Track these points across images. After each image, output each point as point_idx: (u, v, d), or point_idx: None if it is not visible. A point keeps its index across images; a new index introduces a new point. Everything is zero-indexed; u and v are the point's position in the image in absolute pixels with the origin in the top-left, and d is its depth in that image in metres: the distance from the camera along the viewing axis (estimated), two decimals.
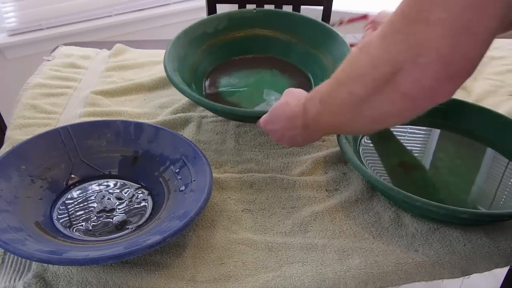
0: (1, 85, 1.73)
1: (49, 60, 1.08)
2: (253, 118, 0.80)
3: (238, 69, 0.99)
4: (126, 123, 0.79)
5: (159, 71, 1.04)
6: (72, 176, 0.74)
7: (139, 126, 0.79)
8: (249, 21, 1.01)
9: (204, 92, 0.94)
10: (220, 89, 0.95)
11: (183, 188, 0.71)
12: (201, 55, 0.97)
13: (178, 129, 0.88)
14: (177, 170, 0.74)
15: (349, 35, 1.26)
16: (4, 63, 1.77)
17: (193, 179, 0.71)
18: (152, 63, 1.09)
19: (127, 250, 0.57)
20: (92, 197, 0.72)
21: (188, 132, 0.87)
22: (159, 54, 1.13)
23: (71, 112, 0.92)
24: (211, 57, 0.98)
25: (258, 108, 0.90)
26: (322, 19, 1.35)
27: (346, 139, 0.78)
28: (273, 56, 1.01)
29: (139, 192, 0.74)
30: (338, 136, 0.77)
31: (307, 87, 0.94)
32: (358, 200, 0.74)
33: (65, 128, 0.77)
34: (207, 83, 0.96)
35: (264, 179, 0.77)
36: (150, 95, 0.98)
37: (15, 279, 0.59)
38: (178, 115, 0.90)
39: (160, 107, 0.94)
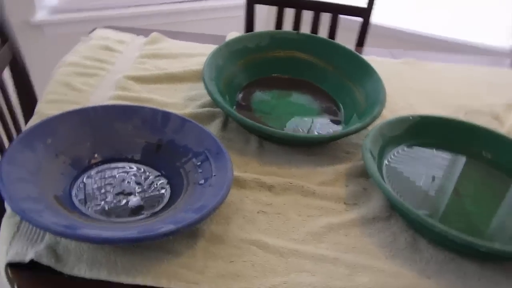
0: (38, 60, 1.75)
1: (86, 41, 1.09)
2: (278, 138, 0.82)
3: (273, 87, 1.00)
4: (154, 111, 0.80)
5: (192, 64, 1.04)
6: (96, 155, 0.75)
7: (166, 116, 0.79)
8: (290, 42, 1.02)
9: (236, 103, 0.94)
10: (252, 104, 0.95)
11: (202, 181, 0.71)
12: (239, 68, 0.98)
13: (204, 123, 0.88)
14: (198, 163, 0.74)
15: (385, 51, 1.25)
16: (43, 39, 1.80)
17: (213, 174, 0.71)
18: (186, 55, 1.10)
19: (140, 235, 0.58)
20: (112, 179, 0.73)
21: (213, 128, 0.87)
22: (194, 47, 1.14)
23: (102, 93, 0.93)
24: (248, 71, 0.99)
25: (285, 130, 0.90)
26: (360, 33, 1.34)
27: (371, 154, 0.77)
28: (307, 81, 1.02)
29: (159, 180, 0.74)
30: (364, 150, 0.77)
31: (335, 115, 0.94)
32: (376, 217, 0.73)
33: (95, 108, 0.78)
34: (240, 95, 0.96)
35: (283, 183, 0.77)
36: (181, 86, 0.99)
37: (27, 248, 0.60)
38: (206, 109, 0.90)
39: (189, 99, 0.95)
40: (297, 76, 1.02)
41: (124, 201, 0.69)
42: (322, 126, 0.91)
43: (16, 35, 1.02)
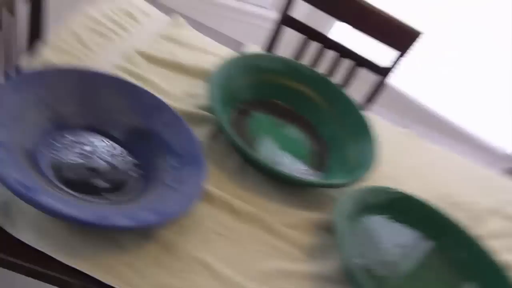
0: None
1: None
2: (260, 168, 0.81)
3: (273, 113, 0.99)
4: (152, 98, 0.78)
5: (204, 61, 1.02)
6: (78, 120, 0.73)
7: (162, 107, 0.78)
8: (302, 76, 1.01)
9: (232, 115, 0.92)
10: (250, 122, 0.93)
11: (173, 185, 0.69)
12: (247, 83, 0.97)
13: (195, 124, 0.85)
14: (176, 165, 0.72)
15: (390, 114, 1.25)
16: None
17: (185, 181, 0.69)
18: (202, 50, 1.08)
19: (95, 221, 0.56)
20: (86, 148, 0.71)
21: (203, 132, 0.84)
22: (212, 45, 1.12)
23: (108, 58, 0.90)
24: (255, 89, 0.98)
25: (273, 158, 0.89)
26: (374, 90, 1.33)
27: (344, 214, 0.76)
28: (308, 120, 1.00)
29: (131, 165, 0.72)
30: (337, 208, 0.76)
31: (322, 162, 0.93)
32: (329, 278, 0.72)
33: (97, 73, 0.75)
34: (240, 109, 0.94)
35: (252, 213, 0.75)
36: (187, 79, 0.97)
37: None
38: (202, 111, 0.88)
39: (190, 95, 0.93)
40: (299, 111, 1.01)
41: (89, 176, 0.67)
42: (306, 169, 0.90)
43: None
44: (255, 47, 1.18)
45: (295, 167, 0.89)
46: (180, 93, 0.92)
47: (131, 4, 1.09)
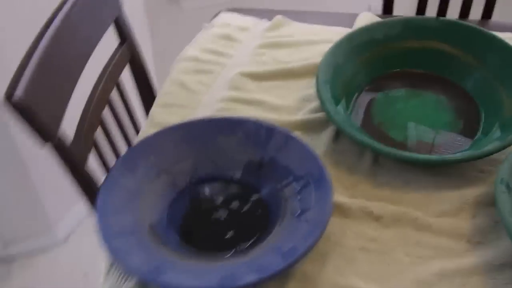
0: (176, 33, 1.79)
1: (208, 28, 1.07)
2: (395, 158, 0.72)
3: (400, 86, 0.87)
4: (258, 125, 0.75)
5: (313, 55, 0.96)
6: (196, 174, 0.74)
7: (270, 130, 0.75)
8: (427, 30, 0.88)
9: (351, 108, 0.84)
10: (372, 108, 0.84)
11: (298, 213, 0.66)
12: (361, 65, 0.87)
13: (316, 131, 0.81)
14: (298, 189, 0.69)
15: None
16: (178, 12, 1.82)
17: (311, 206, 0.66)
18: (309, 43, 1.01)
19: (220, 286, 0.56)
20: (210, 203, 0.72)
21: (325, 137, 0.79)
22: (318, 32, 1.05)
23: (215, 94, 0.91)
24: (372, 67, 0.88)
25: (407, 142, 0.79)
26: None
27: (507, 186, 0.64)
28: (445, 78, 0.87)
29: (257, 203, 0.71)
30: (496, 180, 0.64)
31: (474, 122, 0.80)
32: (505, 264, 0.62)
33: (198, 123, 0.76)
34: (360, 96, 0.86)
35: (395, 213, 0.68)
36: (298, 83, 0.92)
37: (120, 283, 0.62)
38: (319, 114, 0.83)
39: (304, 99, 0.88)
40: (432, 70, 0.88)
41: (218, 232, 0.68)
42: (450, 139, 0.78)
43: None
44: (369, 16, 1.06)
45: (442, 140, 0.78)
46: (294, 102, 0.88)
47: (226, 25, 1.08)
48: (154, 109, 0.88)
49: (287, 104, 0.87)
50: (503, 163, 0.66)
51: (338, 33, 0.93)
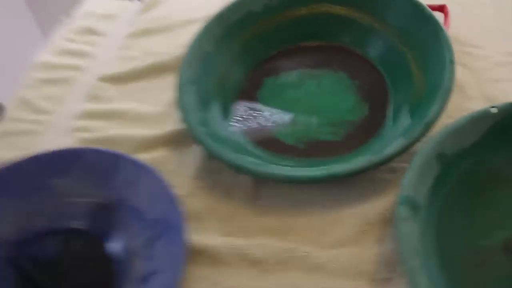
0: None
1: (67, 24, 0.87)
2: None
3: (292, 67, 0.69)
4: (99, 155, 0.58)
5: (189, 38, 0.77)
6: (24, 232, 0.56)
7: (114, 160, 0.57)
8: None
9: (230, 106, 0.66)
10: (258, 102, 0.66)
11: (144, 275, 0.49)
12: (240, 48, 0.69)
13: (187, 145, 0.63)
14: (146, 242, 0.52)
15: None
16: None
17: (160, 267, 0.49)
18: (188, 22, 0.82)
19: None
20: (44, 272, 0.54)
21: (197, 154, 0.62)
22: (200, 9, 0.85)
23: (69, 109, 0.72)
24: (254, 49, 0.69)
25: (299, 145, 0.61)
26: None
27: (414, 207, 0.47)
28: (343, 47, 0.69)
29: (102, 264, 0.54)
30: (399, 199, 0.48)
31: (381, 108, 0.62)
32: None
33: (18, 166, 0.58)
34: (243, 92, 0.68)
35: (278, 253, 0.51)
36: (170, 80, 0.73)
37: None
38: None
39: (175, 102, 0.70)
40: (329, 40, 0.70)
41: None
42: (353, 132, 0.61)
43: None
44: None
45: (343, 134, 0.61)
46: (163, 107, 0.70)
47: (90, 14, 0.88)
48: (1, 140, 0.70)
49: (155, 111, 0.69)
50: (406, 172, 0.49)
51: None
